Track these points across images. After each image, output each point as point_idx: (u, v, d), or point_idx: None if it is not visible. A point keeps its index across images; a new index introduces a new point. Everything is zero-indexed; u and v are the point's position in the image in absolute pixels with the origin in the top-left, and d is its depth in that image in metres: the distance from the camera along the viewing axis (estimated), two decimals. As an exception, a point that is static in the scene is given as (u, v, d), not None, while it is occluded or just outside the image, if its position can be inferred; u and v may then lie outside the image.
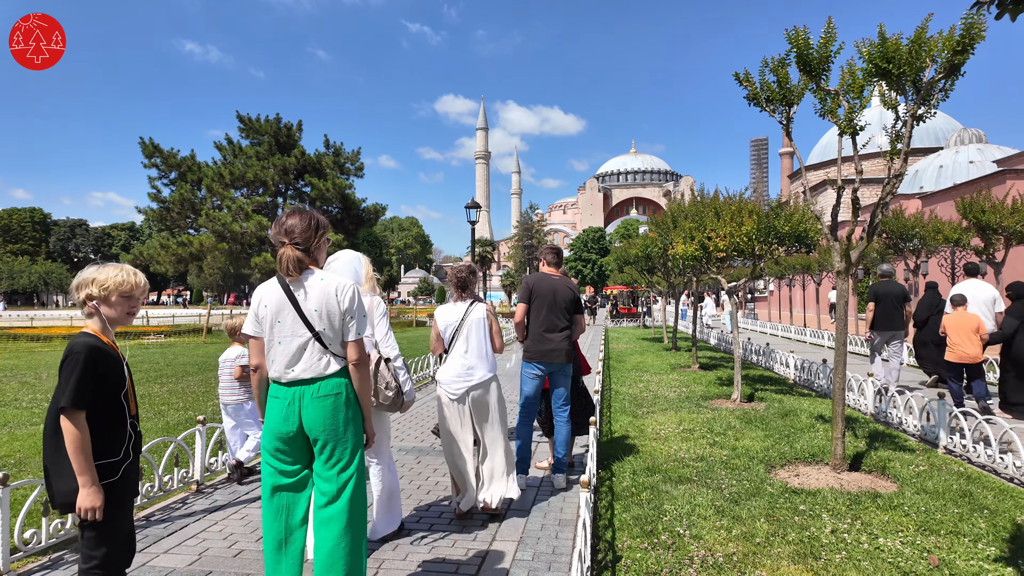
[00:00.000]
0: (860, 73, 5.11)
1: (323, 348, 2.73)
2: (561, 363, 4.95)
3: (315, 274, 2.78)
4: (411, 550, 3.78)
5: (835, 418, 5.33)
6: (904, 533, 3.89)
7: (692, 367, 12.45)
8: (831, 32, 5.06)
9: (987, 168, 32.11)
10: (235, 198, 34.40)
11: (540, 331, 4.95)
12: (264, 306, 2.78)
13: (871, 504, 4.41)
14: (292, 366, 2.72)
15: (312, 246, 2.82)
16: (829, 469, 5.33)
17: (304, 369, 2.71)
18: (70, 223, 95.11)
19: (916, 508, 4.31)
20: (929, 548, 3.67)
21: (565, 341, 4.97)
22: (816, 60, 5.08)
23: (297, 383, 2.72)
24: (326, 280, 2.76)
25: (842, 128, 5.21)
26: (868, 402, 7.84)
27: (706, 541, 3.81)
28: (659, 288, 19.81)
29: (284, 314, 2.74)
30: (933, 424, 6.37)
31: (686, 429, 6.88)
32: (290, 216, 2.83)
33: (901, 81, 4.85)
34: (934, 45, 4.76)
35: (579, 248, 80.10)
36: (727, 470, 5.32)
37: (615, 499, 4.63)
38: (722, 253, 8.61)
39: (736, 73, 5.95)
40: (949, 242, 12.91)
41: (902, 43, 4.79)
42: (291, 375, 2.72)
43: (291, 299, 2.73)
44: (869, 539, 3.80)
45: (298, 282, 2.75)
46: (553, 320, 4.97)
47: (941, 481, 4.91)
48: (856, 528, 3.97)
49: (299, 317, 2.72)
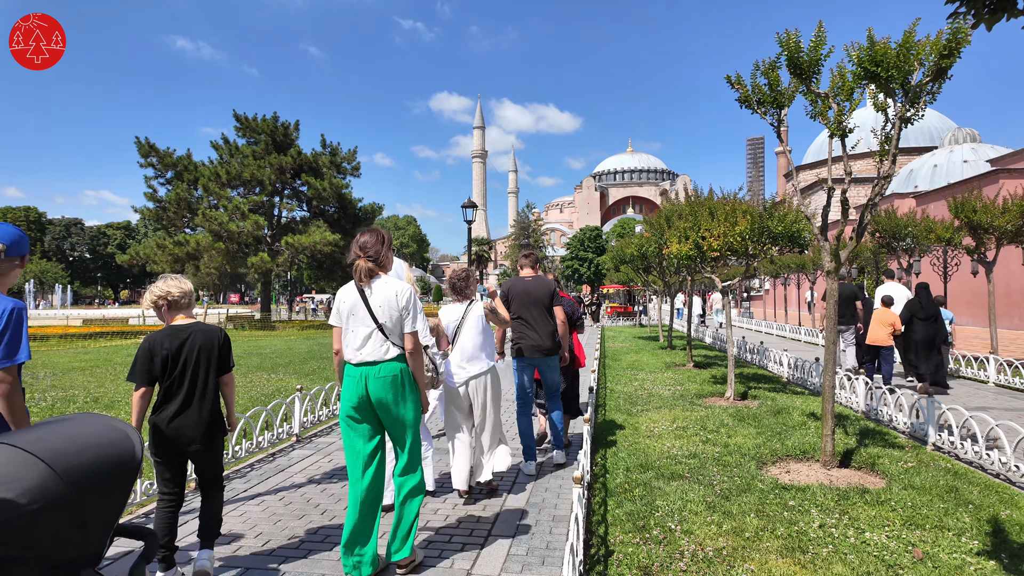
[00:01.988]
0: (850, 76, 5.21)
1: (384, 337, 3.48)
2: (543, 356, 5.41)
3: (381, 279, 3.55)
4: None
5: (824, 415, 5.42)
6: (890, 528, 3.98)
7: (687, 365, 12.54)
8: (821, 36, 5.15)
9: (981, 167, 32.28)
10: (232, 197, 34.36)
11: (520, 328, 5.44)
12: (343, 303, 3.55)
13: (859, 500, 4.50)
14: (360, 350, 3.47)
15: (381, 257, 3.55)
16: (819, 466, 5.42)
17: (369, 353, 3.46)
18: (65, 222, 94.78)
19: (903, 503, 4.40)
20: (914, 542, 3.75)
21: (546, 337, 5.40)
22: (807, 63, 5.16)
23: (364, 364, 3.47)
24: (389, 284, 3.53)
25: (832, 130, 5.30)
26: (859, 400, 7.94)
27: (697, 536, 3.89)
28: (655, 287, 19.90)
29: (357, 309, 3.51)
30: (922, 421, 6.47)
31: (679, 427, 6.97)
32: (364, 235, 3.60)
33: (890, 84, 4.94)
34: (922, 49, 4.85)
35: (576, 247, 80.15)
36: (719, 467, 5.41)
37: (608, 495, 4.71)
38: (716, 253, 8.69)
39: (728, 76, 6.03)
40: (941, 241, 13.02)
41: (891, 47, 4.88)
42: (359, 357, 3.47)
43: (363, 298, 3.50)
44: (856, 533, 3.88)
45: (368, 286, 3.50)
46: (530, 317, 5.42)
47: (928, 477, 5.01)
48: (844, 523, 4.06)
49: (368, 312, 3.47)
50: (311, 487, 5.14)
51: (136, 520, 4.39)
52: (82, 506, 1.15)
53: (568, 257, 79.34)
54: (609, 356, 15.12)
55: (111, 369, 13.14)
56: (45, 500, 1.09)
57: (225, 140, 36.39)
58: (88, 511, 1.16)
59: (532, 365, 5.49)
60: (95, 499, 1.18)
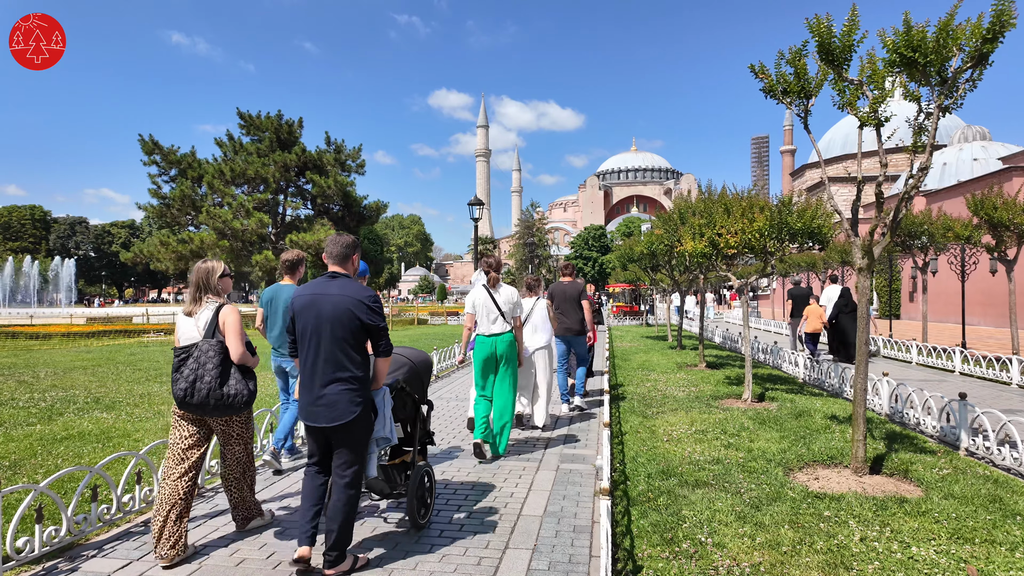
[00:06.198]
0: (880, 63, 4.95)
1: (504, 320, 5.84)
2: (574, 335, 8.06)
3: (502, 284, 5.97)
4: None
5: (856, 419, 5.16)
6: (936, 541, 3.72)
7: (699, 366, 12.28)
8: (855, 20, 4.88)
9: (991, 165, 31.89)
10: (236, 195, 34.20)
11: (560, 316, 7.94)
12: (479, 299, 5.88)
13: (898, 510, 4.25)
14: (491, 327, 5.83)
15: (501, 272, 6.02)
16: (850, 472, 5.16)
17: (497, 330, 5.82)
18: (70, 220, 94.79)
19: (946, 514, 4.14)
20: (965, 558, 3.50)
21: (576, 322, 8.00)
22: (839, 49, 4.90)
23: (493, 335, 5.81)
24: (505, 288, 5.95)
25: (864, 120, 5.04)
26: (883, 402, 7.67)
27: (730, 550, 3.64)
28: (663, 286, 19.63)
29: (488, 303, 5.84)
30: (953, 425, 6.20)
31: (699, 430, 6.72)
32: (492, 256, 6.04)
33: (927, 70, 4.67)
34: (961, 33, 4.59)
35: (580, 246, 79.81)
36: (744, 473, 5.16)
37: (631, 504, 4.46)
38: (733, 250, 8.43)
39: (752, 65, 5.78)
40: (960, 239, 12.73)
41: (928, 31, 4.62)
42: (492, 331, 5.82)
43: (491, 297, 5.85)
44: (901, 548, 3.63)
45: (494, 289, 5.90)
46: (566, 309, 7.99)
47: (967, 485, 4.74)
48: (886, 536, 3.81)
49: (495, 305, 5.82)
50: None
51: (133, 529, 4.16)
52: (422, 377, 4.29)
53: (572, 256, 79.00)
54: (618, 356, 14.85)
55: (113, 368, 12.95)
56: (411, 372, 4.15)
57: (230, 137, 36.23)
58: (420, 381, 4.26)
59: (567, 341, 8.09)
60: (423, 376, 4.32)
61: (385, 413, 3.66)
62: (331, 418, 3.34)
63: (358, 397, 3.39)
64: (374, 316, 3.45)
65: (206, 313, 3.77)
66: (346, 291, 3.44)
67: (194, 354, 3.66)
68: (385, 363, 3.61)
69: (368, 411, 3.49)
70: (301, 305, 3.48)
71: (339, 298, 3.41)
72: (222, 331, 3.73)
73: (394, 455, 4.08)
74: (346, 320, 3.38)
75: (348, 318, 3.38)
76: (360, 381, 3.41)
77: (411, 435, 4.12)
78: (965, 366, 11.51)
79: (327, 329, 3.38)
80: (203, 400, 3.58)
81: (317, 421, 3.37)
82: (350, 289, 3.46)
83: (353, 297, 3.41)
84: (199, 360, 3.63)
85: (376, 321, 3.46)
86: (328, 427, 3.36)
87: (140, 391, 9.87)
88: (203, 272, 3.86)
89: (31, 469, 5.47)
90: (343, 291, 3.44)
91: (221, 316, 3.75)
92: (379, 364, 3.62)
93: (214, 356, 3.63)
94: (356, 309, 3.39)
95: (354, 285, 3.52)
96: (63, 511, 3.71)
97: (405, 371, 4.11)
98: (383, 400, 3.68)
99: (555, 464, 5.63)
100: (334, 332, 3.38)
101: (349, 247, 3.61)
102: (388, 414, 3.67)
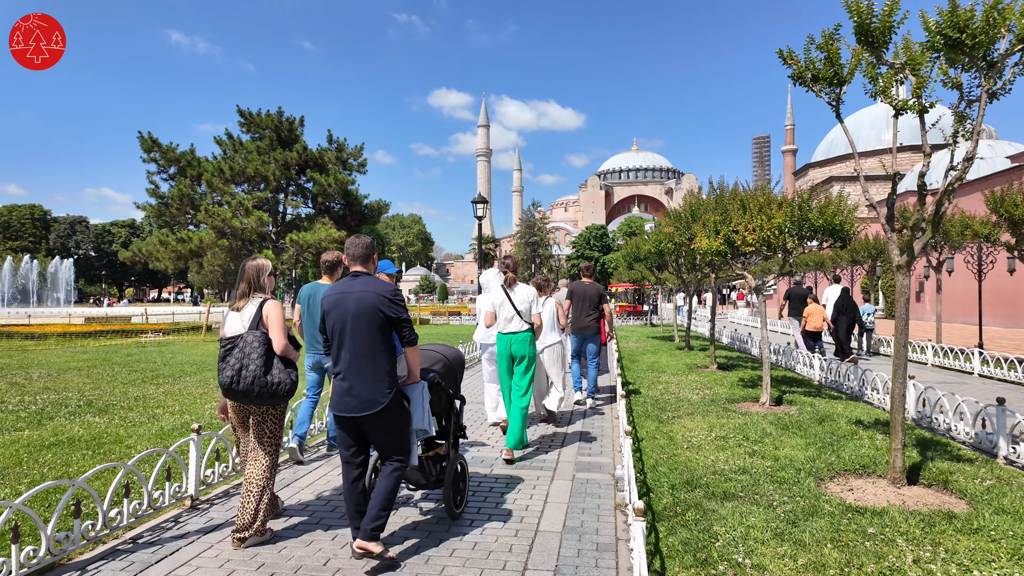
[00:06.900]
0: (917, 47, 4.63)
1: (520, 319, 5.92)
2: (590, 334, 8.42)
3: (519, 284, 6.07)
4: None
5: (893, 427, 4.84)
6: (997, 563, 3.40)
7: (710, 367, 11.96)
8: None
9: (999, 164, 31.54)
10: (235, 194, 33.87)
11: (577, 316, 8.43)
12: (496, 298, 6.02)
13: (948, 526, 3.92)
14: (507, 326, 5.96)
15: (518, 272, 6.17)
16: (886, 483, 4.84)
17: (513, 328, 5.93)
18: (70, 220, 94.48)
19: (1002, 532, 3.81)
20: (1032, 583, 3.18)
21: (592, 321, 8.39)
22: (879, 30, 4.58)
23: (509, 333, 5.94)
24: (521, 287, 6.05)
25: (902, 107, 4.72)
26: (909, 406, 7.34)
27: (771, 572, 3.32)
28: (669, 285, 19.31)
29: (505, 302, 5.98)
30: (990, 432, 5.88)
31: (719, 436, 6.40)
32: (510, 257, 6.04)
33: (974, 53, 4.35)
34: (1011, 12, 4.27)
35: (581, 245, 79.45)
36: (774, 484, 4.83)
37: (657, 519, 4.15)
38: (751, 248, 8.10)
39: (780, 50, 5.46)
40: (979, 237, 12.40)
41: (976, 11, 4.30)
42: (508, 329, 5.96)
43: (508, 297, 5.98)
44: (961, 572, 3.30)
45: (511, 289, 6.01)
46: (583, 309, 8.40)
47: (1018, 498, 4.42)
48: (941, 557, 3.48)
49: (511, 304, 5.94)
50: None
51: (124, 545, 3.84)
52: (455, 372, 4.40)
53: (574, 256, 78.70)
54: (625, 357, 14.53)
55: (108, 370, 12.63)
56: (446, 367, 4.28)
57: (229, 135, 35.90)
58: (454, 376, 4.39)
59: (581, 338, 8.50)
60: (457, 371, 4.42)
61: (424, 407, 3.83)
62: (362, 408, 3.50)
63: (386, 388, 3.53)
64: (396, 308, 3.60)
65: (250, 307, 3.92)
66: (369, 287, 3.62)
67: (239, 344, 3.78)
68: (414, 352, 3.75)
69: (398, 400, 3.61)
70: (330, 304, 3.67)
71: (363, 294, 3.59)
72: (265, 324, 3.86)
73: (428, 447, 4.24)
74: (371, 314, 3.55)
75: (372, 312, 3.55)
76: (387, 371, 3.56)
77: (445, 428, 4.32)
78: (985, 368, 11.19)
79: (354, 324, 3.57)
80: (248, 387, 3.68)
81: (349, 411, 3.52)
82: (373, 285, 3.64)
83: (376, 292, 3.59)
84: (244, 350, 3.74)
85: (398, 313, 3.61)
86: (359, 416, 3.51)
87: (135, 393, 9.56)
88: (254, 269, 4.00)
89: (14, 479, 5.15)
90: (366, 288, 3.62)
91: (265, 310, 3.89)
92: (409, 355, 3.76)
93: (258, 347, 3.75)
94: (379, 303, 3.57)
95: (376, 282, 3.68)
96: (42, 529, 3.39)
97: (440, 366, 4.26)
98: (421, 394, 3.84)
99: (570, 473, 5.31)
100: (361, 326, 3.56)
101: (368, 247, 3.79)
102: (426, 407, 3.86)
